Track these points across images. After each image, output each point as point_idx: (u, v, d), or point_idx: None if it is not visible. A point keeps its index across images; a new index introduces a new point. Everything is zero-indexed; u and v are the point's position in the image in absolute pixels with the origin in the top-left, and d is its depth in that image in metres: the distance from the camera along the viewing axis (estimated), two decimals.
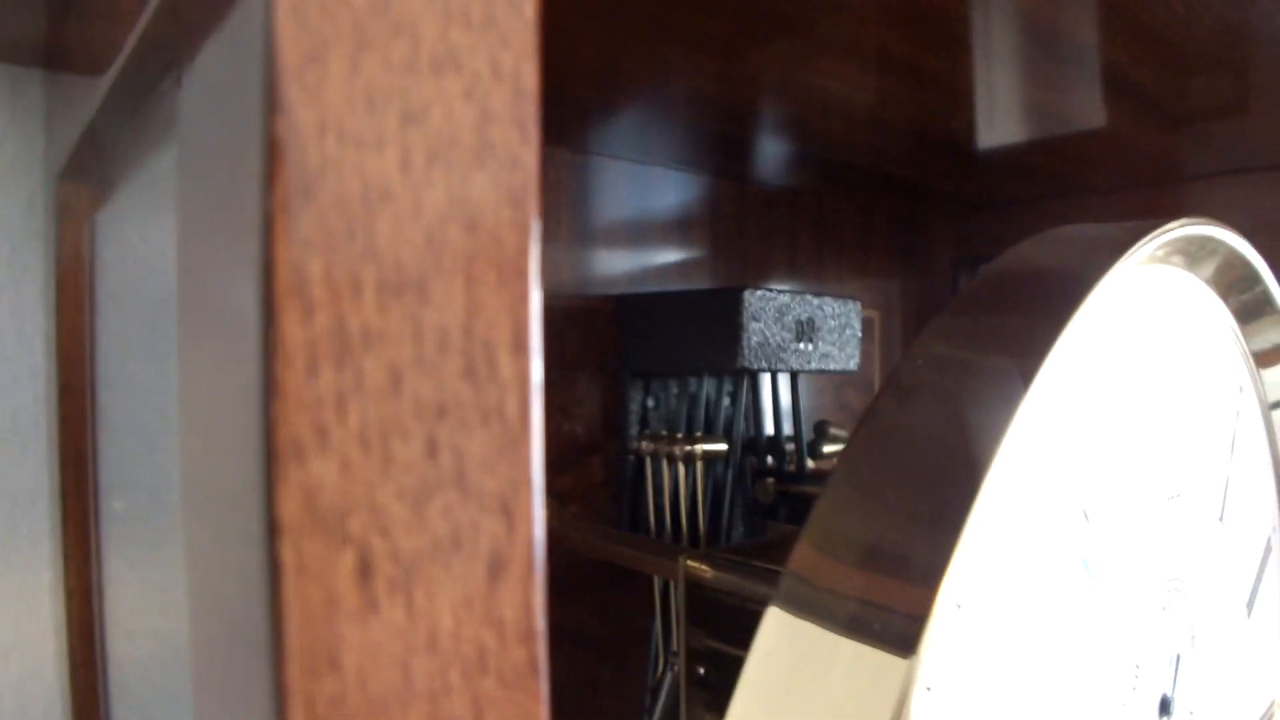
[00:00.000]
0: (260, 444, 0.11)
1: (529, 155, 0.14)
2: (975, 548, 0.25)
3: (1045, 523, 0.28)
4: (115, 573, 0.36)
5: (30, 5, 0.33)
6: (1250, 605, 0.44)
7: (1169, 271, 0.36)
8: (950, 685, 0.24)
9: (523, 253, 0.14)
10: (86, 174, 0.33)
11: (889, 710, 0.22)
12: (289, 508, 0.11)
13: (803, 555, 0.26)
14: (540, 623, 0.14)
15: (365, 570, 0.12)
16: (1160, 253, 0.34)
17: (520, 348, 0.14)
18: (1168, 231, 0.31)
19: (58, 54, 0.37)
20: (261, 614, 0.12)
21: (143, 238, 0.33)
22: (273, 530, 0.11)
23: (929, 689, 0.23)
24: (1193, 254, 0.35)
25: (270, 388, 0.11)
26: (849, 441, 0.26)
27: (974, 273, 0.76)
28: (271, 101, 0.11)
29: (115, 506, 0.36)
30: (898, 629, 0.23)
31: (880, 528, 0.24)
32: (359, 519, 0.12)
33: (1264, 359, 0.41)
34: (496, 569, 0.13)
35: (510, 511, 0.14)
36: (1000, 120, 0.49)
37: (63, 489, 0.35)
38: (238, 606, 0.13)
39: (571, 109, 0.46)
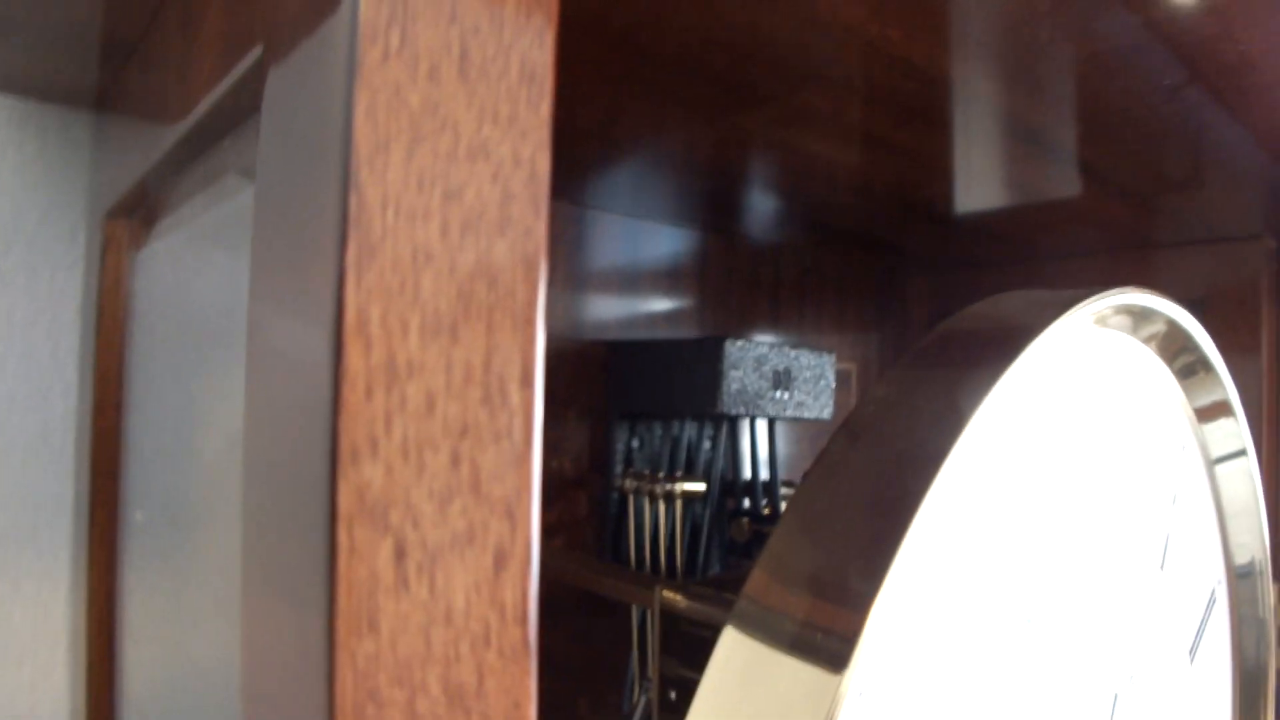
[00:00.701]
0: (326, 449, 0.15)
1: (540, 227, 0.17)
2: (906, 578, 0.28)
3: (976, 557, 0.31)
4: (132, 581, 0.39)
5: (85, 54, 0.37)
6: (1193, 652, 0.47)
7: (1115, 335, 0.39)
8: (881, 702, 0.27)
9: (531, 305, 0.17)
10: (133, 213, 0.37)
11: None
12: (347, 500, 0.15)
13: (756, 580, 0.29)
14: (533, 609, 0.17)
15: (400, 554, 0.15)
16: (1108, 316, 0.38)
17: (527, 382, 0.17)
18: (1106, 298, 0.35)
19: (109, 97, 0.41)
20: (319, 584, 0.15)
21: (179, 274, 0.36)
22: (333, 518, 0.14)
23: (860, 694, 0.26)
24: (1136, 317, 0.39)
25: (336, 405, 0.15)
26: (803, 477, 0.29)
27: None
28: (348, 181, 0.15)
29: (136, 518, 0.38)
30: (832, 648, 0.27)
31: (822, 556, 0.27)
32: (397, 513, 0.15)
33: (1204, 414, 0.44)
34: (501, 561, 0.17)
35: (514, 515, 0.17)
36: (975, 189, 0.53)
37: (92, 499, 0.38)
38: (295, 579, 0.16)
39: (572, 165, 0.50)
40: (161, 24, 0.30)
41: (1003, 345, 0.30)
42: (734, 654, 0.28)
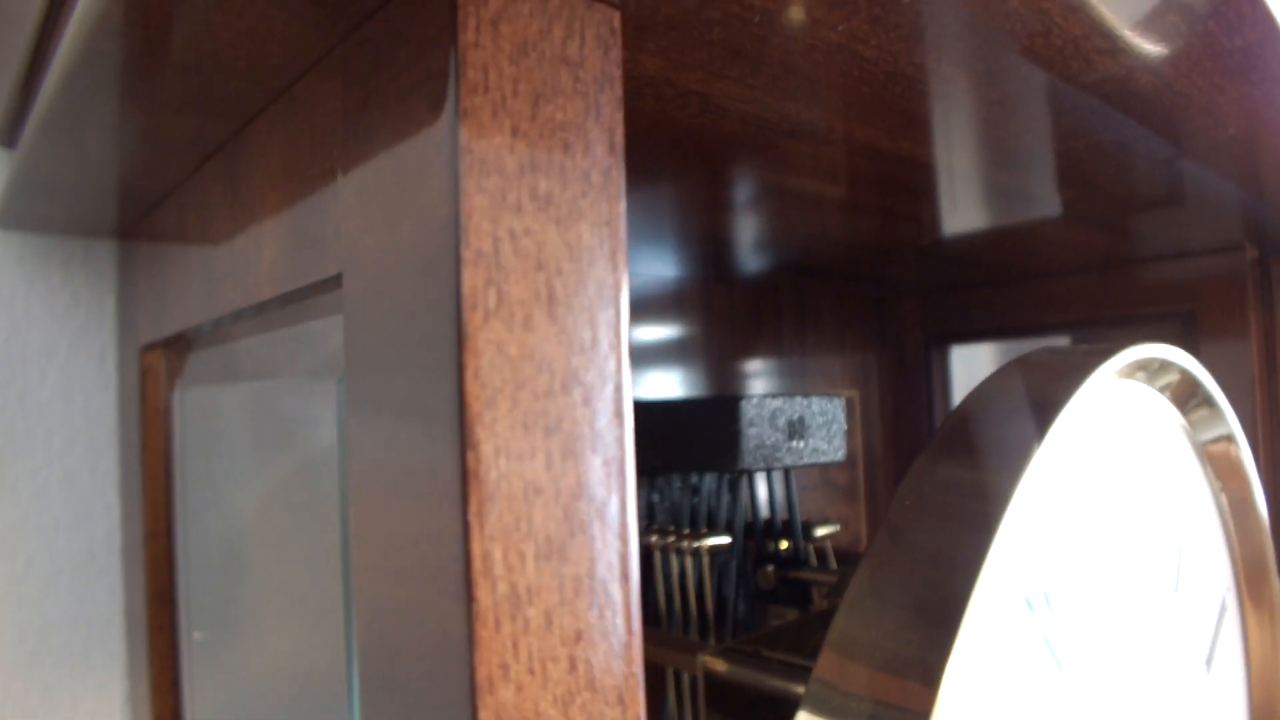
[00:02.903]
0: (466, 680, 0.16)
1: (627, 435, 0.19)
2: (966, 650, 0.30)
3: (1014, 616, 0.33)
4: (195, 697, 0.40)
5: (116, 201, 0.38)
6: (1209, 661, 0.49)
7: (1131, 385, 0.41)
8: None
9: (623, 508, 0.19)
10: (169, 345, 0.38)
11: None
12: None
13: (827, 663, 0.31)
14: None
15: None
16: (1124, 370, 0.39)
17: (626, 576, 0.18)
18: (1125, 355, 0.37)
19: (137, 228, 0.42)
20: None
21: (216, 409, 0.37)
22: None
23: None
24: (1153, 370, 0.41)
25: (472, 640, 0.16)
26: (858, 568, 0.31)
27: (944, 349, 0.81)
28: (464, 439, 0.16)
29: (195, 638, 0.40)
30: None
31: (889, 639, 0.29)
32: None
33: (1211, 450, 0.46)
34: None
35: (624, 700, 0.18)
36: (959, 218, 0.55)
37: (149, 624, 0.39)
38: None
39: None
40: (201, 181, 0.32)
41: (1030, 425, 0.31)
42: None
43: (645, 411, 0.58)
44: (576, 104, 0.18)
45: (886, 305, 0.83)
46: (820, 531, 0.59)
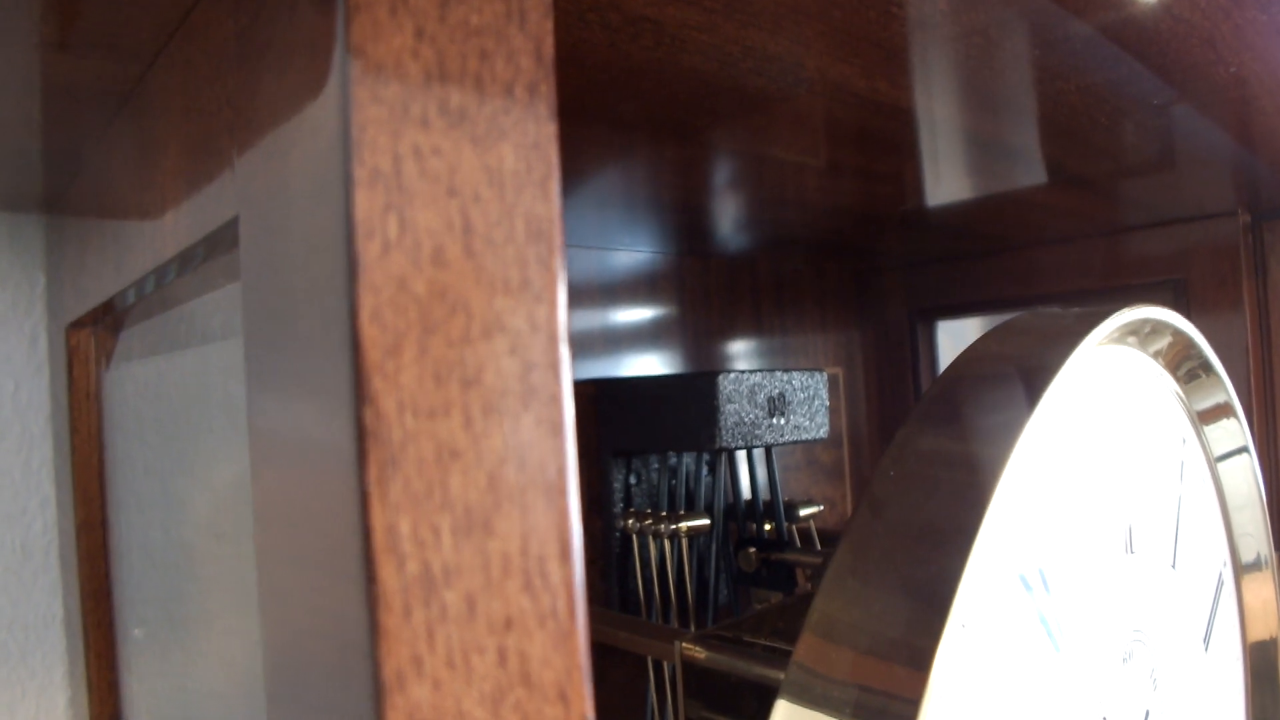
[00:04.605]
0: (369, 677, 0.14)
1: (564, 387, 0.16)
2: (956, 630, 0.27)
3: (1013, 597, 0.31)
4: (137, 696, 0.37)
5: (31, 168, 0.35)
6: (1207, 640, 0.47)
7: (1122, 350, 0.39)
8: None
9: (563, 473, 0.16)
10: (97, 323, 0.35)
11: None
12: None
13: (807, 647, 0.28)
14: None
15: None
16: (1115, 335, 0.37)
17: (565, 555, 0.16)
18: (1114, 319, 0.34)
19: (60, 202, 0.39)
20: None
21: (151, 385, 0.35)
22: None
23: None
24: (1144, 334, 0.39)
25: (375, 629, 0.13)
26: (839, 543, 0.28)
27: (929, 323, 0.79)
28: (361, 392, 0.14)
29: (135, 634, 0.37)
30: (896, 712, 0.26)
31: (874, 621, 0.27)
32: None
33: (1206, 417, 0.44)
34: None
35: (566, 697, 0.16)
36: (942, 188, 0.52)
37: (84, 621, 0.36)
38: None
39: None
40: (113, 141, 0.29)
41: (1020, 391, 0.29)
42: None
43: (618, 389, 0.55)
44: (496, 6, 0.15)
45: (868, 279, 0.80)
46: (804, 512, 0.57)
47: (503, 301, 0.15)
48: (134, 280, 0.27)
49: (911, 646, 0.27)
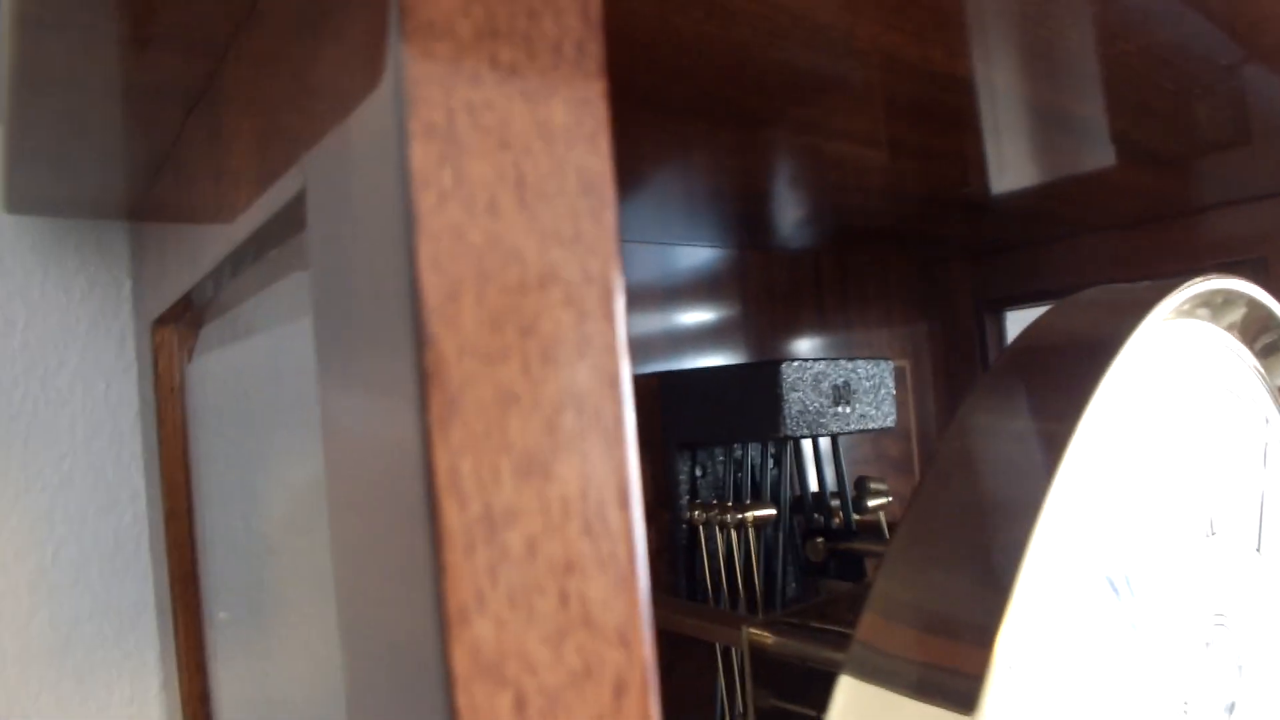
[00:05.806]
0: (434, 614, 0.14)
1: (618, 338, 0.16)
2: (1023, 607, 0.27)
3: (1085, 575, 0.30)
4: (223, 677, 0.39)
5: (115, 174, 0.37)
6: None
7: (1194, 324, 0.38)
8: None
9: (620, 421, 0.16)
10: (180, 318, 0.37)
11: None
12: (461, 662, 0.14)
13: (868, 625, 0.28)
14: None
15: (520, 705, 0.15)
16: (1186, 307, 0.36)
17: (624, 501, 0.16)
18: (1185, 290, 0.33)
19: (143, 206, 0.41)
20: None
21: (234, 375, 0.36)
22: (449, 682, 0.14)
23: None
24: (1216, 306, 0.38)
25: (439, 566, 0.14)
26: (901, 520, 0.28)
27: (997, 314, 0.78)
28: (422, 336, 0.14)
29: (220, 617, 0.38)
30: (959, 688, 0.26)
31: (937, 596, 0.26)
32: (513, 664, 0.15)
33: None
34: (620, 690, 0.16)
35: (628, 641, 0.16)
36: (1008, 173, 0.51)
37: (174, 606, 0.38)
38: None
39: None
40: (189, 139, 0.30)
41: (1089, 358, 0.29)
42: (854, 705, 0.27)
43: (681, 381, 0.55)
44: None
45: (933, 270, 0.79)
46: (873, 503, 0.57)
47: (556, 252, 0.16)
48: (210, 270, 0.28)
49: (976, 622, 0.26)
